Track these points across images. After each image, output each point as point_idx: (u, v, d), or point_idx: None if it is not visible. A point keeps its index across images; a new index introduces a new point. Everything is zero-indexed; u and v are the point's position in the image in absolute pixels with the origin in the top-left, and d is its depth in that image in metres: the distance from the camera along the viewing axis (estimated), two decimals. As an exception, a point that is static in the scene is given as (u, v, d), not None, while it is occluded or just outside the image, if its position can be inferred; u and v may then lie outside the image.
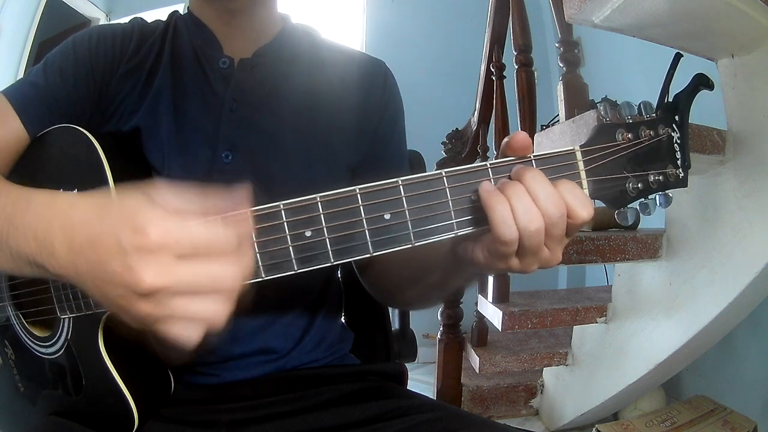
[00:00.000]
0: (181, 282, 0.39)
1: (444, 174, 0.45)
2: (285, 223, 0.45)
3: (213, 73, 0.72)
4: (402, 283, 0.70)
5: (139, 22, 0.76)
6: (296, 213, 0.45)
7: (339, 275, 0.87)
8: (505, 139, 0.47)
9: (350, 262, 0.78)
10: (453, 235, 0.46)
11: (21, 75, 2.66)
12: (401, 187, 0.45)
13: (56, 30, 2.87)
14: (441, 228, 0.46)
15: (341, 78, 0.77)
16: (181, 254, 0.39)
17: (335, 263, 0.46)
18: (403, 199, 0.45)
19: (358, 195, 0.45)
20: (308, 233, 0.45)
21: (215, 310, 0.40)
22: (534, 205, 0.44)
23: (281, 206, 0.46)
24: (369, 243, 0.46)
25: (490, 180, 0.46)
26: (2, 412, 0.76)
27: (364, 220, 0.45)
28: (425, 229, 0.46)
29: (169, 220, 0.39)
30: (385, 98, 0.79)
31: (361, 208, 0.45)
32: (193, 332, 0.40)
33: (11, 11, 2.62)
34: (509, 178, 0.46)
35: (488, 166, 0.46)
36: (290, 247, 0.46)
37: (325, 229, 0.45)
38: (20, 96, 0.67)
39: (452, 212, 0.46)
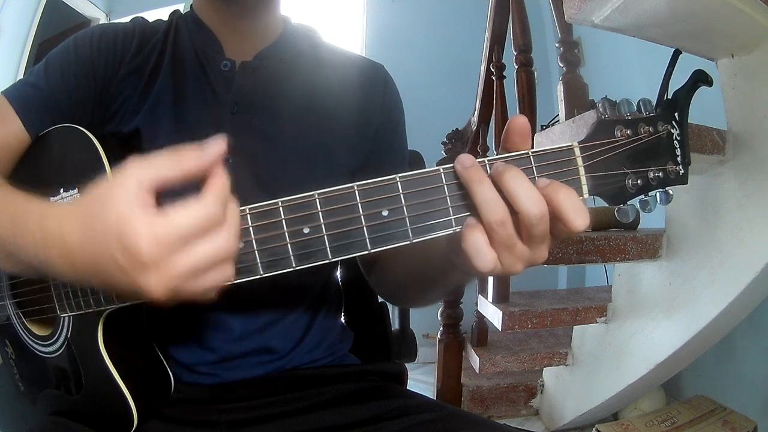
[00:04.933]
0: (184, 272, 0.41)
1: (442, 171, 0.45)
2: (283, 221, 0.45)
3: (214, 76, 0.72)
4: (407, 279, 0.70)
5: (140, 22, 0.75)
6: (294, 210, 0.46)
7: (338, 275, 0.87)
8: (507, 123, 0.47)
9: (356, 263, 0.79)
10: (451, 232, 0.46)
11: (21, 75, 2.67)
12: (399, 183, 0.45)
13: (56, 30, 2.87)
14: (439, 224, 0.46)
15: (341, 81, 0.77)
16: (175, 250, 0.41)
17: (333, 260, 0.46)
18: (401, 195, 0.45)
19: (356, 192, 0.45)
20: (306, 230, 0.45)
21: (221, 276, 0.43)
22: (500, 199, 0.43)
23: (279, 203, 0.46)
24: (367, 239, 0.46)
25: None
26: (2, 411, 0.76)
27: (362, 216, 0.45)
28: (423, 225, 0.46)
29: (154, 225, 0.40)
30: (385, 102, 0.79)
31: (359, 204, 0.45)
32: (207, 293, 0.44)
33: (11, 11, 2.62)
34: (491, 177, 0.44)
35: (486, 162, 0.45)
36: (288, 244, 0.46)
37: (323, 225, 0.45)
38: (21, 97, 0.67)
39: (450, 209, 0.46)
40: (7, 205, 0.51)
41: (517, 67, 1.74)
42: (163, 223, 0.40)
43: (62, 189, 0.61)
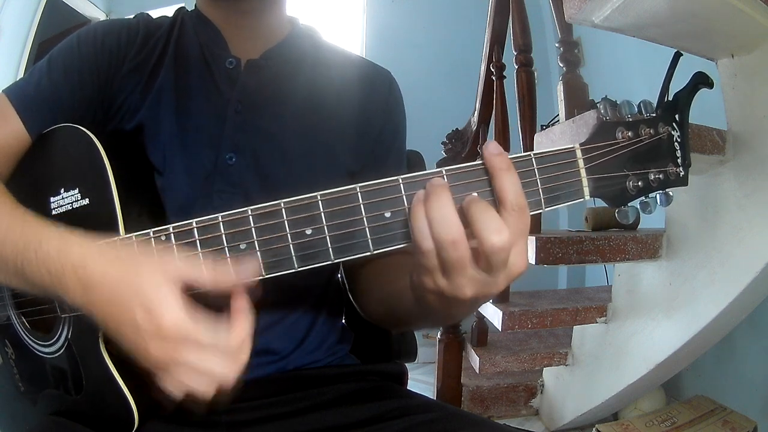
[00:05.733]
0: (183, 363, 0.45)
1: (444, 172, 0.45)
2: (286, 222, 0.46)
3: (219, 73, 0.72)
4: (379, 291, 0.70)
5: (144, 18, 0.75)
6: (297, 211, 0.46)
7: (340, 276, 0.87)
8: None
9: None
10: None
11: (21, 75, 2.67)
12: (401, 185, 0.45)
13: (56, 30, 2.87)
14: None
15: (344, 82, 0.77)
16: (189, 345, 0.45)
17: (336, 261, 0.46)
18: (404, 197, 0.45)
19: (359, 193, 0.45)
20: (309, 231, 0.46)
21: (203, 389, 0.47)
22: (453, 216, 0.42)
23: (282, 204, 0.46)
24: (369, 241, 0.46)
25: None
26: (2, 411, 0.76)
27: (364, 218, 0.45)
28: None
29: (183, 314, 0.44)
30: (389, 106, 0.79)
31: (362, 206, 0.45)
32: (180, 392, 0.47)
33: (11, 11, 2.62)
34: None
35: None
36: (291, 245, 0.46)
37: (325, 227, 0.45)
38: (22, 96, 0.67)
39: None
40: (24, 219, 0.53)
41: (517, 67, 1.74)
42: (191, 318, 0.45)
43: (63, 189, 0.61)
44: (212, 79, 0.72)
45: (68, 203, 0.60)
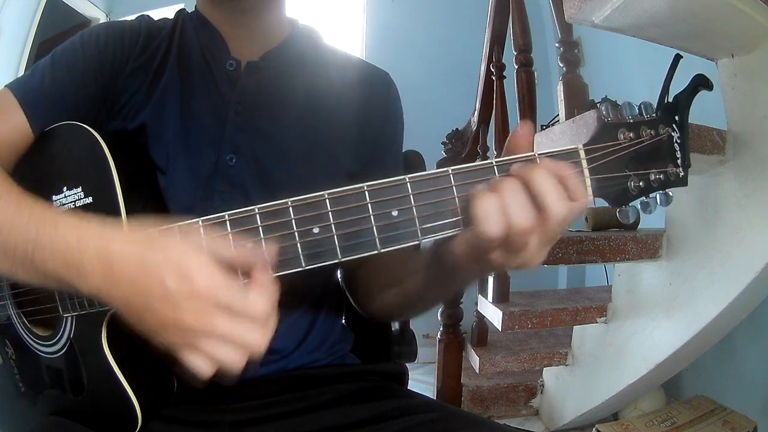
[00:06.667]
0: (215, 330, 0.43)
1: (451, 171, 0.46)
2: (293, 220, 0.46)
3: (219, 75, 0.72)
4: (381, 286, 0.71)
5: (146, 20, 0.75)
6: (304, 210, 0.46)
7: (339, 276, 0.87)
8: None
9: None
10: (459, 231, 0.47)
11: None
12: (408, 184, 0.46)
13: (56, 30, 2.87)
14: (447, 225, 0.46)
15: (344, 83, 0.78)
16: (220, 306, 0.43)
17: (343, 260, 0.46)
18: (411, 196, 0.46)
19: (366, 192, 0.46)
20: (316, 230, 0.46)
21: (234, 360, 0.45)
22: (528, 202, 0.44)
23: (289, 203, 0.46)
24: (377, 239, 0.46)
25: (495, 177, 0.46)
26: (2, 412, 0.76)
27: (371, 216, 0.46)
28: (432, 225, 0.46)
29: (215, 272, 0.44)
30: (388, 109, 0.80)
31: (369, 205, 0.46)
32: (209, 368, 0.45)
33: (11, 11, 2.62)
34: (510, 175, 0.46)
35: (494, 163, 0.46)
36: (298, 244, 0.46)
37: (333, 225, 0.46)
38: (26, 91, 0.67)
39: (458, 209, 0.46)
40: (31, 209, 0.51)
41: (517, 67, 1.74)
42: (223, 277, 0.44)
43: (66, 187, 0.61)
44: (213, 81, 0.72)
45: (71, 201, 0.60)
